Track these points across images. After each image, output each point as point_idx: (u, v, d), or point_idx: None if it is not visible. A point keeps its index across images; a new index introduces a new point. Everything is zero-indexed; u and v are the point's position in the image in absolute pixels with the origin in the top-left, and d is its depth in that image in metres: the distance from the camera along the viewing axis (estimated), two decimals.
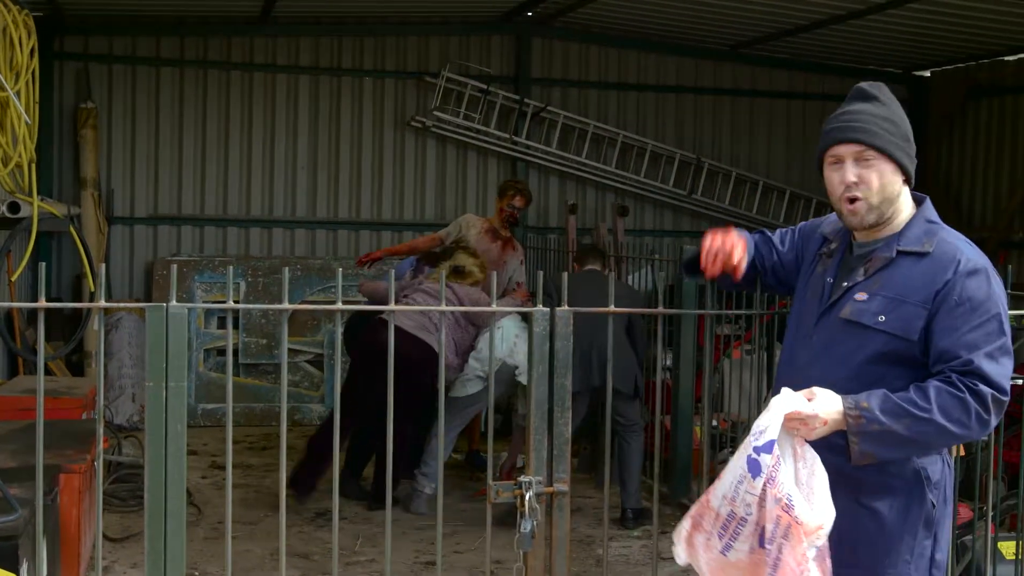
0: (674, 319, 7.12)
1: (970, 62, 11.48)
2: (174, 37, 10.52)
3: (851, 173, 3.01)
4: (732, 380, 7.31)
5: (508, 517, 3.83)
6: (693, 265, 3.44)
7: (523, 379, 6.85)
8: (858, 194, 3.01)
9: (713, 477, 6.92)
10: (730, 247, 3.28)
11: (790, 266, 3.36)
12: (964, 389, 2.86)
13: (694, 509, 2.98)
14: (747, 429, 2.92)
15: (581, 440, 7.88)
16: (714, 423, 7.13)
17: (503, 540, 4.02)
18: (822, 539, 2.81)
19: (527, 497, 3.34)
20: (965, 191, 11.77)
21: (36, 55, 7.14)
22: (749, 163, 11.97)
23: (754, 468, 2.78)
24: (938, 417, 2.85)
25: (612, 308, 3.68)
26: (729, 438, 6.99)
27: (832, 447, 2.91)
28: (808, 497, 2.81)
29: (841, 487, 2.90)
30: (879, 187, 3.01)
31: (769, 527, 2.79)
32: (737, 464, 2.83)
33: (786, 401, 2.85)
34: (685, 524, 2.99)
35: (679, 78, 11.77)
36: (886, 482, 2.99)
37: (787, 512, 2.76)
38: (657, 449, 3.89)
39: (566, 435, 3.45)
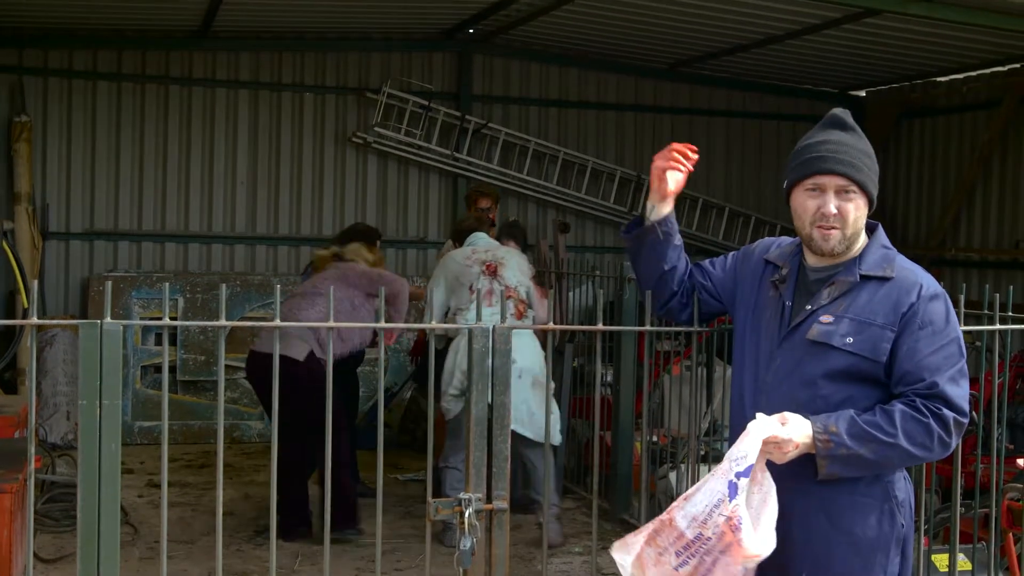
0: (615, 335, 7.16)
1: (904, 83, 11.71)
2: (111, 50, 10.41)
3: (832, 205, 3.06)
4: (672, 396, 7.36)
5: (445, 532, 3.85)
6: (632, 227, 3.53)
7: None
8: (836, 225, 3.07)
9: (653, 492, 6.94)
10: (674, 150, 3.40)
11: (723, 286, 3.41)
12: (928, 414, 2.95)
13: (652, 525, 3.00)
14: (686, 446, 2.94)
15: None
16: (654, 439, 7.17)
17: (444, 558, 4.01)
18: (752, 565, 2.88)
19: (467, 514, 3.34)
20: (900, 209, 11.98)
21: None
22: (690, 181, 11.92)
23: (733, 492, 2.84)
24: (903, 442, 2.94)
25: (551, 324, 3.69)
26: (669, 454, 7.03)
27: (800, 474, 2.98)
28: (755, 523, 2.87)
29: (814, 511, 3.00)
30: (853, 220, 3.08)
31: (713, 541, 2.85)
32: (715, 488, 2.87)
33: (763, 426, 2.92)
34: (639, 537, 3.01)
35: (619, 96, 11.86)
36: (858, 502, 3.05)
37: (733, 532, 2.82)
38: (597, 465, 3.90)
39: (505, 452, 3.45)
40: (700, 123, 12.12)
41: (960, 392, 2.99)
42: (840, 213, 3.06)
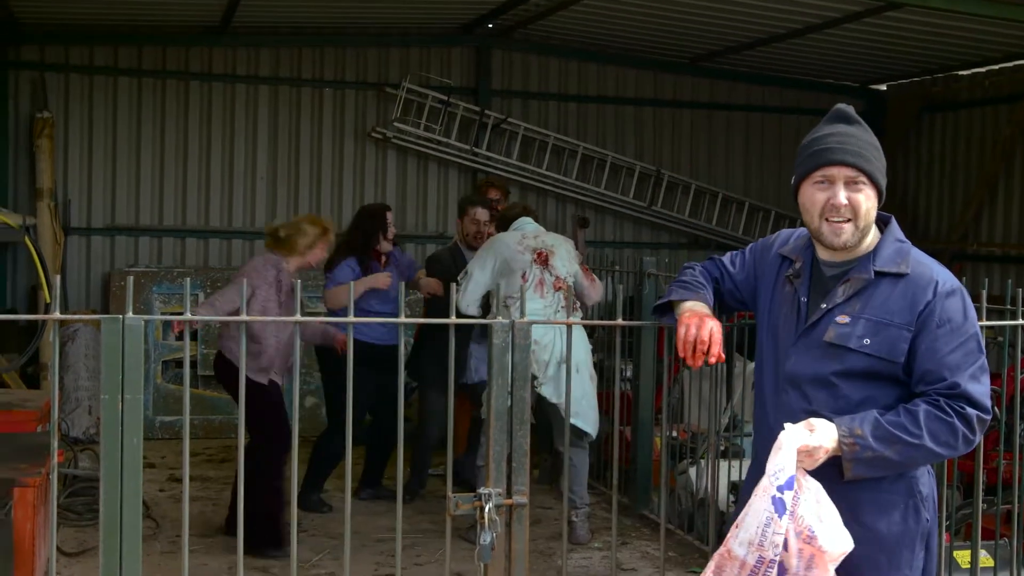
0: (634, 331, 7.14)
1: (925, 76, 11.64)
2: (132, 46, 10.45)
3: (842, 196, 3.04)
4: (692, 391, 7.34)
5: (470, 530, 3.85)
6: (663, 310, 3.41)
7: (547, 392, 6.60)
8: (848, 216, 3.05)
9: (673, 488, 6.94)
10: (707, 337, 3.18)
11: (744, 286, 3.38)
12: (952, 413, 2.93)
13: (713, 562, 2.95)
14: (698, 445, 2.92)
15: (541, 451, 7.88)
16: (674, 434, 7.16)
17: (463, 552, 4.01)
18: (838, 563, 2.88)
19: (487, 509, 3.34)
20: (921, 204, 11.92)
21: None
22: (708, 175, 12.05)
23: (780, 507, 2.82)
24: (928, 442, 2.93)
25: (570, 320, 3.69)
26: (689, 449, 7.02)
27: (823, 474, 2.96)
28: (823, 526, 2.87)
29: (839, 508, 2.97)
30: (864, 212, 3.06)
31: (793, 562, 2.83)
32: (760, 508, 2.84)
33: (794, 437, 2.90)
34: None
35: (638, 91, 11.84)
36: (882, 499, 3.04)
37: (810, 543, 2.81)
38: (616, 460, 3.89)
39: (525, 447, 3.45)
40: (720, 118, 12.08)
41: (982, 389, 2.97)
42: (851, 204, 3.03)
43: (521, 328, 3.43)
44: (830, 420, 2.97)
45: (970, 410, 2.94)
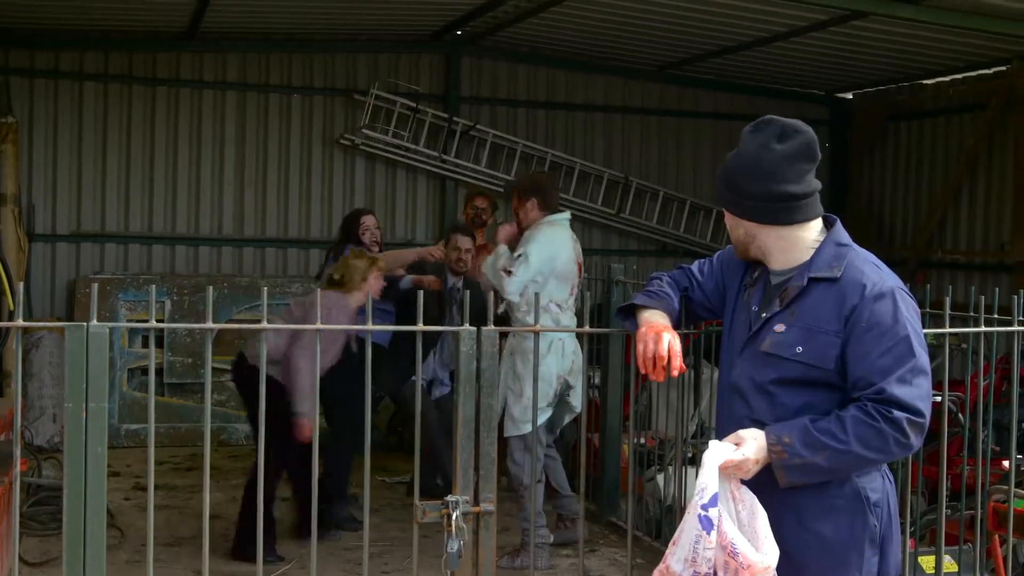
0: (602, 337, 7.16)
1: (891, 85, 11.74)
2: (98, 51, 10.38)
3: (738, 233, 3.20)
4: (659, 398, 7.37)
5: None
6: (627, 313, 3.45)
7: (576, 402, 6.55)
8: (742, 240, 3.19)
9: (640, 495, 6.94)
10: (665, 352, 3.19)
11: (713, 294, 3.39)
12: (879, 418, 2.92)
13: None
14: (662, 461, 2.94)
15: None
16: (641, 441, 7.18)
17: (430, 560, 4.01)
18: None
19: (454, 517, 3.34)
20: (886, 211, 12.02)
21: None
22: (677, 182, 12.10)
23: (707, 524, 2.87)
24: (856, 448, 2.93)
25: (537, 327, 3.69)
26: (657, 456, 7.04)
27: (767, 480, 2.99)
28: (752, 539, 2.90)
29: (784, 512, 3.00)
30: (738, 237, 3.20)
31: (711, 573, 2.88)
32: (690, 525, 2.90)
33: (717, 453, 2.95)
34: None
35: (607, 97, 11.88)
36: (827, 503, 3.05)
37: (733, 558, 2.85)
38: (583, 467, 3.90)
39: (492, 455, 3.45)
40: (688, 125, 12.14)
41: (912, 391, 2.94)
42: (733, 238, 3.22)
43: (488, 336, 3.43)
44: (764, 428, 3.00)
45: (898, 413, 2.92)
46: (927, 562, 4.93)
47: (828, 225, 3.17)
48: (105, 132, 10.44)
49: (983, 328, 4.41)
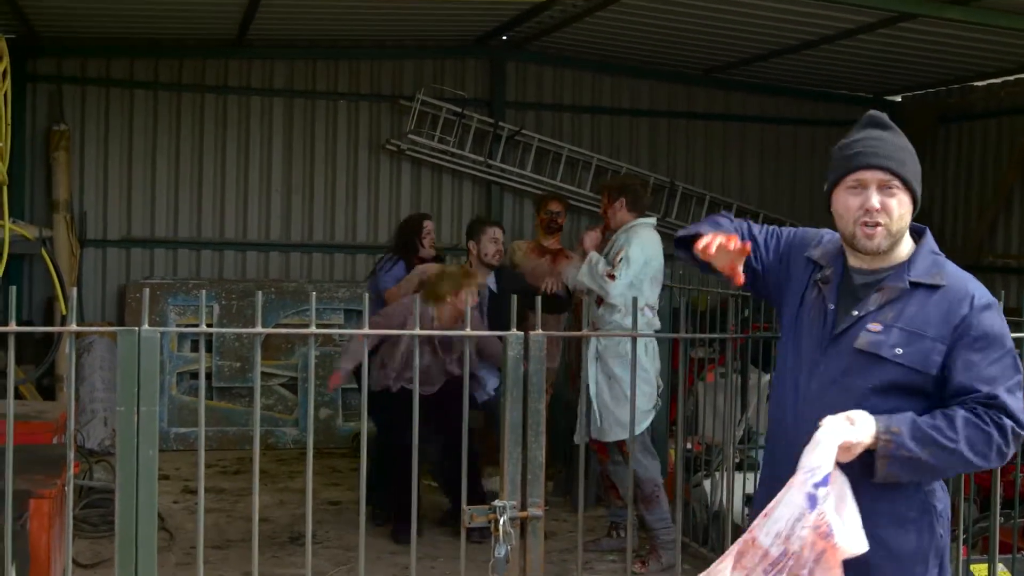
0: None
1: (940, 87, 11.61)
2: (148, 59, 10.50)
3: (875, 199, 2.99)
4: (706, 403, 7.32)
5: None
6: (686, 243, 3.31)
7: (658, 404, 6.58)
8: (880, 220, 2.99)
9: (687, 501, 6.90)
10: (726, 240, 3.10)
11: (772, 271, 3.28)
12: (989, 422, 2.90)
13: (736, 547, 2.92)
14: (716, 454, 2.90)
15: (556, 463, 7.87)
16: (688, 446, 7.14)
17: (478, 565, 4.01)
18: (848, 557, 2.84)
19: (501, 521, 3.33)
20: (936, 215, 11.87)
21: (8, 77, 7.11)
22: (723, 186, 12.03)
23: (812, 503, 2.79)
24: (964, 448, 2.88)
25: (585, 332, 3.68)
26: (704, 461, 6.99)
27: (850, 474, 2.91)
28: (843, 524, 2.83)
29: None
30: (898, 216, 3.01)
31: (805, 553, 2.79)
32: (794, 501, 2.81)
33: (836, 432, 2.86)
34: (724, 564, 2.92)
35: (652, 102, 11.84)
36: (898, 512, 3.00)
37: (825, 539, 2.77)
38: (632, 473, 3.89)
39: (540, 459, 3.44)
40: (734, 129, 12.07)
41: (1018, 404, 2.94)
42: (884, 208, 2.99)
43: (536, 340, 3.42)
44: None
45: (1007, 421, 2.91)
46: (980, 570, 4.86)
47: (916, 232, 3.12)
48: (155, 139, 10.55)
49: None
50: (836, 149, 3.11)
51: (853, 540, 2.82)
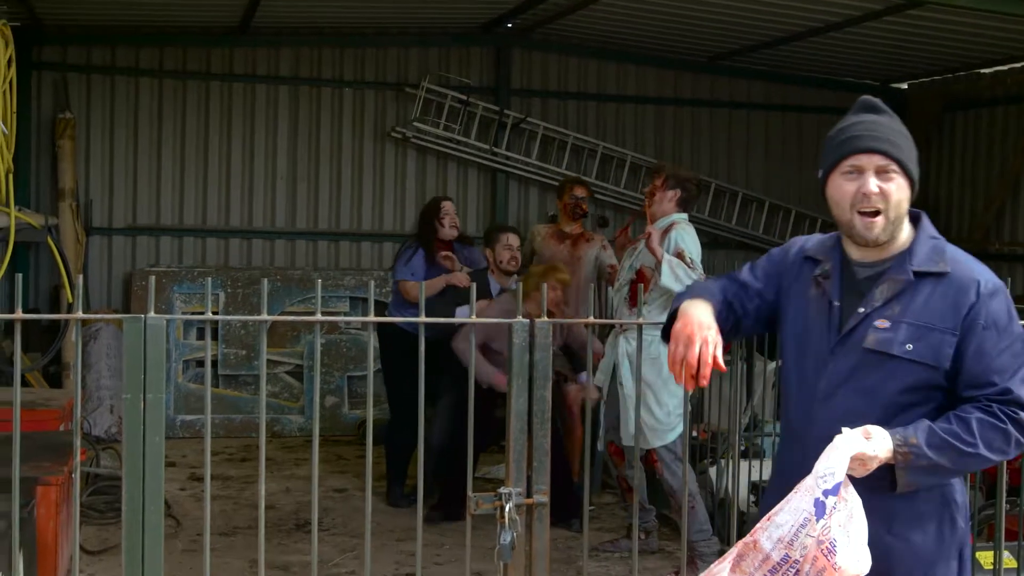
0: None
1: (947, 74, 11.57)
2: (153, 47, 10.50)
3: (873, 184, 2.88)
4: (712, 391, 7.33)
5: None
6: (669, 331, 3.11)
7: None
8: (880, 206, 2.89)
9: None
10: (694, 360, 2.90)
11: (766, 292, 3.15)
12: (1006, 419, 2.84)
13: (736, 549, 2.86)
14: (723, 444, 2.89)
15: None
16: (694, 434, 7.14)
17: (483, 552, 4.02)
18: None
19: (507, 509, 3.34)
20: (942, 202, 11.85)
21: (13, 65, 7.11)
22: (728, 174, 12.01)
23: (820, 511, 2.71)
24: (983, 450, 2.84)
25: (591, 319, 3.68)
26: (709, 449, 7.00)
27: (862, 481, 2.83)
28: (848, 543, 2.75)
29: (873, 519, 2.82)
30: (896, 202, 2.91)
31: (806, 567, 2.73)
32: (800, 507, 2.74)
33: (851, 442, 2.79)
34: (723, 565, 2.86)
35: (658, 89, 11.81)
36: (918, 509, 2.94)
37: (827, 556, 2.70)
38: (637, 461, 3.89)
39: (545, 446, 3.45)
40: (739, 116, 12.04)
41: None
42: (882, 193, 2.88)
43: (542, 327, 3.42)
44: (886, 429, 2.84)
45: (1023, 414, 2.85)
46: (985, 558, 4.86)
47: (913, 217, 3.02)
48: (160, 127, 10.55)
49: None
50: (830, 135, 3.03)
51: (856, 562, 2.74)
